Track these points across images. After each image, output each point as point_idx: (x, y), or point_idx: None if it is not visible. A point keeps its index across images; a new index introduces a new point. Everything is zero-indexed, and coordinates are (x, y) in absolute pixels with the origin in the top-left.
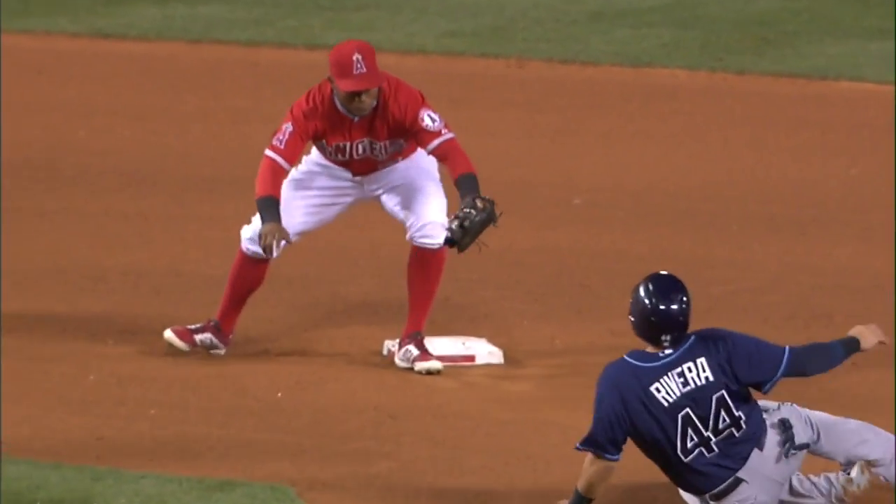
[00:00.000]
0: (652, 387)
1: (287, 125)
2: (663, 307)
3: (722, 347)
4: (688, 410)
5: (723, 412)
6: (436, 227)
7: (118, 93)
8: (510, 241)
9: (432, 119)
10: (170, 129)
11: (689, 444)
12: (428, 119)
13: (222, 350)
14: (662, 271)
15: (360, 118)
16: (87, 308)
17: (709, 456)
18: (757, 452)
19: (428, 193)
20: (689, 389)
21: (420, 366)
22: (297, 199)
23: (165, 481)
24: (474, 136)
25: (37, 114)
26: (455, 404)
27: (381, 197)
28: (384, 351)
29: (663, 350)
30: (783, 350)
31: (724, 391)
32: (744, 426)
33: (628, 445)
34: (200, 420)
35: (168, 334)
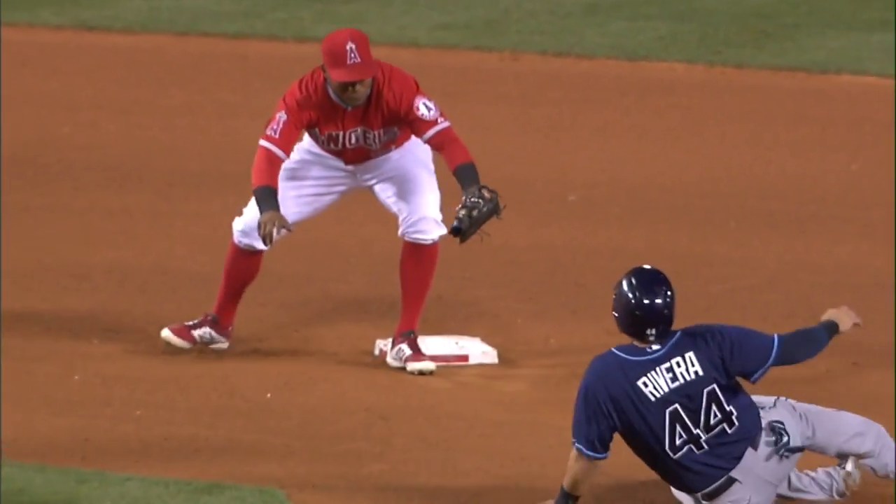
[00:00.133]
0: (639, 381)
1: (281, 114)
2: (647, 301)
3: (710, 340)
4: (676, 406)
5: (714, 407)
6: (429, 222)
7: (103, 86)
8: (504, 238)
9: (427, 107)
10: (156, 124)
11: (677, 441)
12: (423, 107)
13: (225, 343)
14: (646, 265)
15: (354, 107)
16: (71, 306)
17: (698, 453)
18: (751, 452)
19: (422, 186)
20: (677, 385)
21: (412, 366)
22: (290, 190)
23: (152, 484)
24: (467, 130)
25: (19, 108)
26: (448, 405)
27: (374, 187)
28: (376, 351)
29: (650, 345)
30: (772, 339)
31: (714, 385)
32: (736, 423)
33: (619, 442)
34: (188, 421)
35: (165, 333)
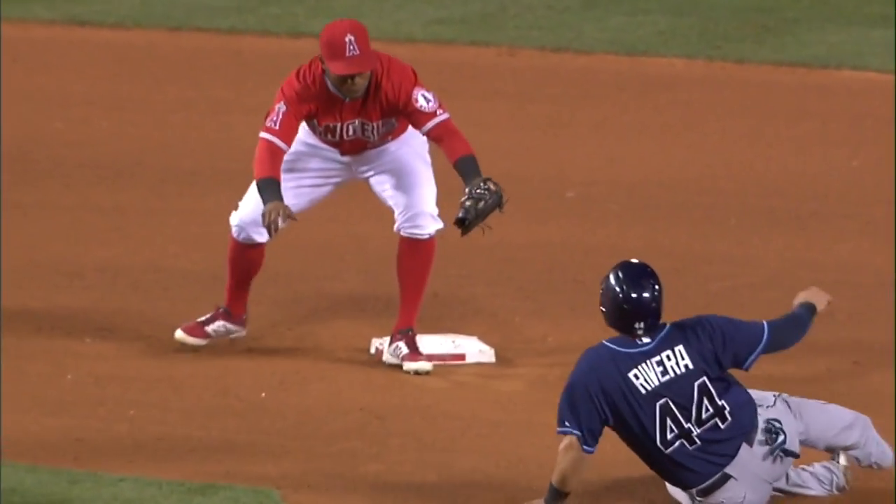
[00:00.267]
0: (630, 373)
1: (280, 105)
2: (635, 295)
3: (700, 333)
4: (667, 400)
5: (705, 401)
6: (425, 217)
7: (95, 82)
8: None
9: (426, 99)
10: (148, 120)
11: (668, 436)
12: (422, 99)
13: (242, 332)
14: (633, 259)
15: (352, 99)
16: (63, 305)
17: (691, 449)
18: (746, 448)
19: (418, 180)
20: (668, 379)
21: (408, 366)
22: (286, 182)
23: (145, 485)
24: (464, 126)
25: (10, 104)
26: (444, 404)
27: (370, 179)
28: (371, 349)
29: (640, 338)
30: (762, 326)
31: (704, 378)
32: (729, 418)
33: (619, 439)
34: (181, 421)
35: (179, 334)
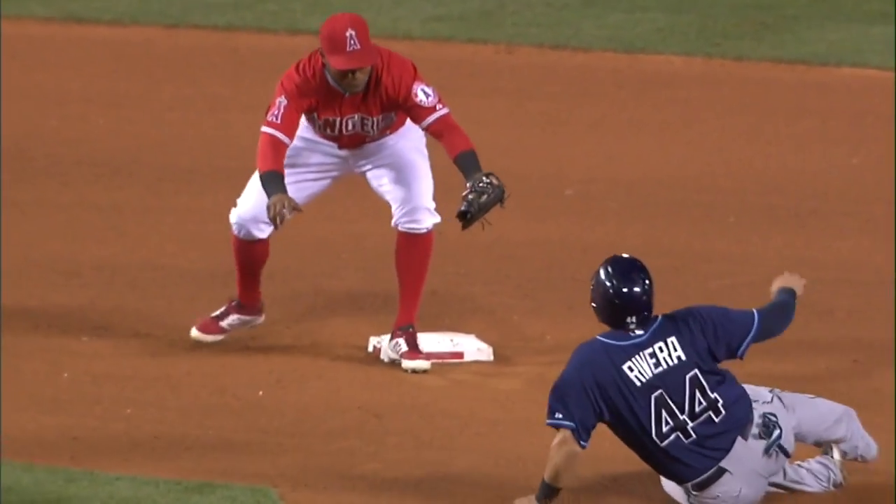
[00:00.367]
0: (624, 365)
1: (281, 99)
2: (626, 289)
3: (692, 324)
4: (661, 392)
5: (697, 393)
6: (422, 211)
7: (91, 80)
8: (499, 233)
9: (426, 94)
10: (145, 118)
11: (664, 429)
12: (422, 94)
13: (260, 319)
14: (624, 254)
15: (352, 93)
16: (59, 303)
17: (686, 442)
18: (741, 442)
19: (416, 174)
20: (661, 370)
21: (407, 364)
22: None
23: (142, 483)
24: (462, 124)
25: (6, 101)
26: (442, 403)
27: (367, 173)
28: (369, 347)
29: (632, 331)
30: (752, 314)
31: (696, 371)
32: (723, 411)
33: (606, 434)
34: (178, 420)
35: (195, 334)
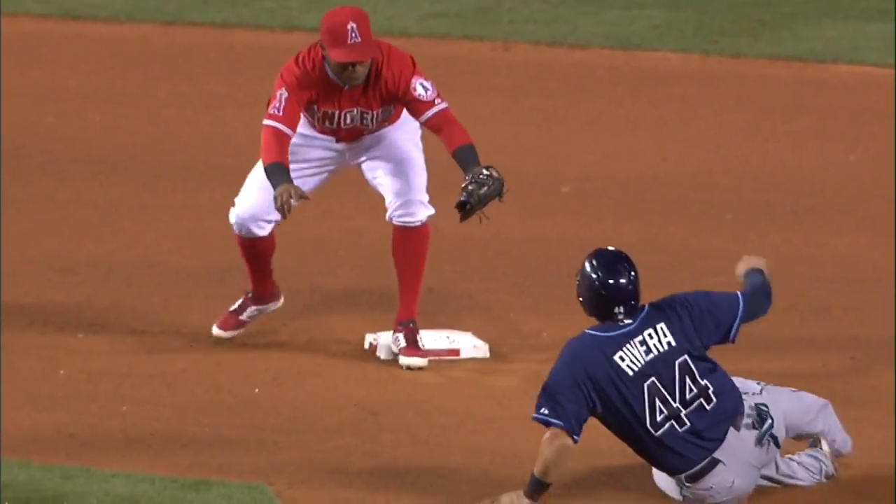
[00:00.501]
0: (616, 355)
1: (281, 92)
2: (612, 281)
3: (680, 310)
4: (653, 380)
5: (687, 380)
6: (415, 204)
7: (88, 77)
8: (496, 230)
9: (425, 88)
10: (141, 115)
11: (658, 417)
12: (420, 88)
13: (279, 302)
14: (609, 247)
15: (352, 87)
16: (55, 300)
17: (681, 431)
18: (734, 433)
19: (410, 167)
20: (652, 357)
21: (403, 360)
22: None
23: (138, 480)
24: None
25: (3, 99)
26: (439, 400)
27: (363, 165)
28: (365, 345)
29: (621, 322)
30: (736, 295)
31: (686, 356)
32: (714, 398)
33: (596, 427)
34: (174, 417)
35: (216, 332)
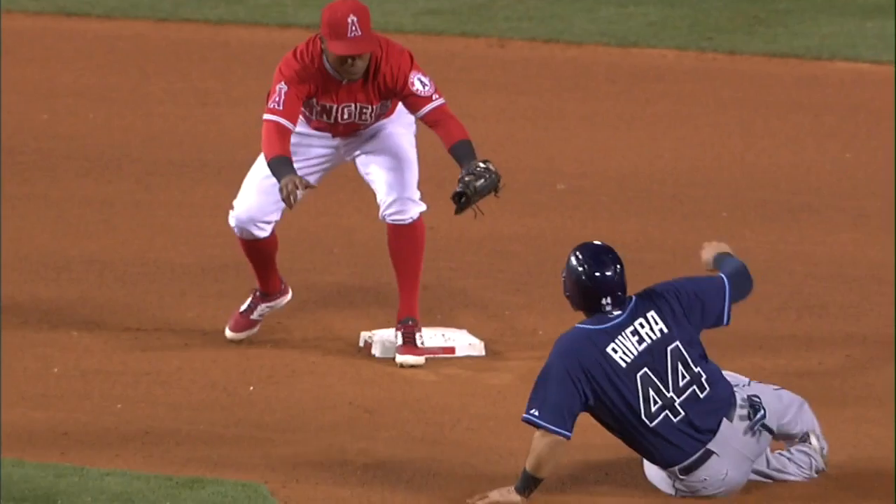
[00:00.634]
0: (608, 347)
1: (280, 86)
2: (598, 273)
3: (668, 296)
4: (646, 370)
5: (680, 366)
6: (405, 202)
7: (82, 74)
8: (491, 228)
9: (423, 83)
10: (136, 112)
11: (653, 408)
12: (419, 83)
13: (288, 296)
14: (596, 241)
15: (350, 81)
16: (49, 298)
17: (675, 421)
18: (727, 424)
19: (402, 164)
20: (645, 347)
21: (399, 358)
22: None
23: (132, 479)
24: None
25: None
26: (434, 398)
27: (357, 160)
28: (360, 342)
29: (610, 313)
30: (720, 277)
31: (678, 342)
32: (707, 387)
33: (588, 422)
34: (169, 415)
35: (229, 335)
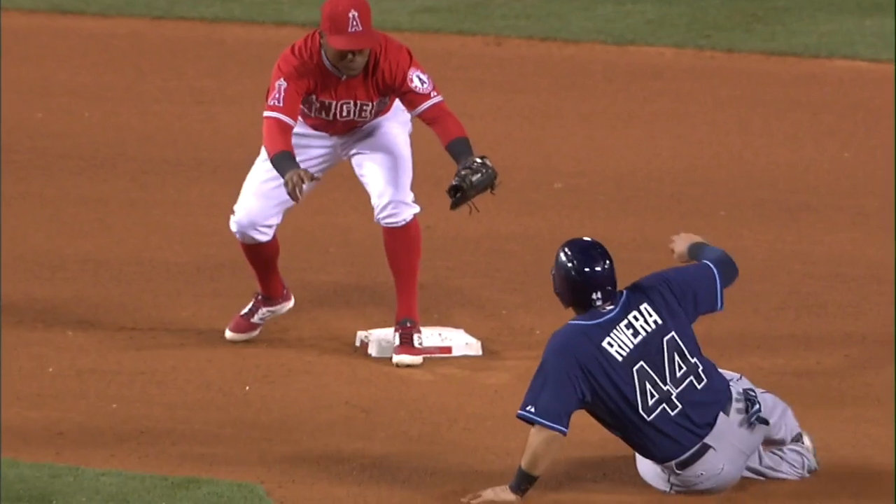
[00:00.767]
0: (604, 342)
1: (280, 82)
2: (587, 268)
3: (660, 287)
4: (642, 363)
5: (676, 357)
6: (398, 205)
7: (77, 72)
8: (488, 227)
9: (421, 80)
10: (131, 110)
11: (650, 401)
12: (417, 80)
13: (289, 304)
14: (585, 237)
15: (349, 77)
16: (44, 297)
17: (673, 414)
18: (723, 418)
19: (396, 166)
20: (640, 339)
21: (395, 358)
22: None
23: (127, 479)
24: None
25: None
26: (431, 398)
27: (353, 159)
28: (357, 342)
29: (602, 308)
30: (706, 264)
31: (673, 333)
32: (704, 377)
33: (583, 421)
34: (164, 415)
35: (229, 335)
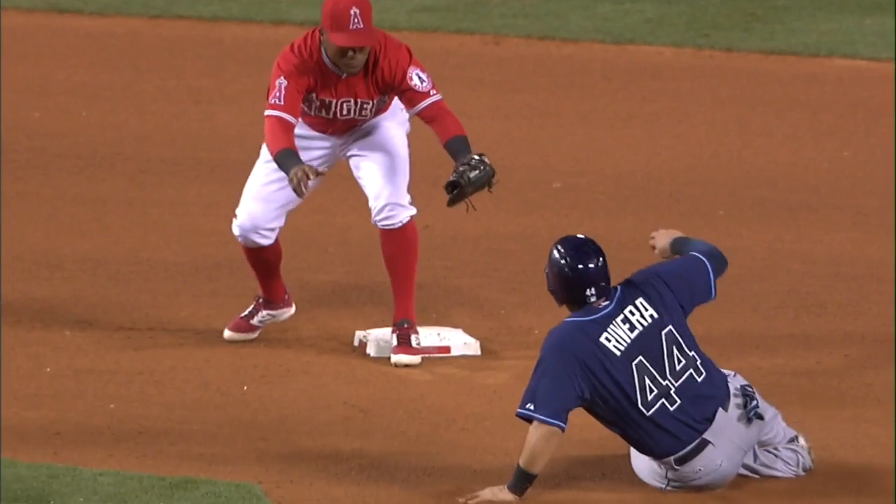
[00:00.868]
0: (602, 337)
1: (280, 80)
2: (581, 264)
3: (654, 281)
4: (641, 358)
5: (675, 350)
6: (394, 207)
7: (75, 71)
8: (487, 227)
9: (421, 79)
10: (129, 110)
11: (649, 396)
12: (416, 79)
13: (290, 310)
14: (578, 234)
15: (349, 75)
16: (42, 297)
17: (672, 409)
18: (722, 413)
19: (393, 167)
20: (637, 333)
21: (394, 358)
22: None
23: (125, 479)
24: None
25: None
26: (429, 398)
27: (350, 159)
28: (355, 342)
29: (598, 304)
30: (695, 256)
31: (671, 326)
32: (703, 370)
33: (581, 420)
34: (162, 415)
35: (228, 334)
